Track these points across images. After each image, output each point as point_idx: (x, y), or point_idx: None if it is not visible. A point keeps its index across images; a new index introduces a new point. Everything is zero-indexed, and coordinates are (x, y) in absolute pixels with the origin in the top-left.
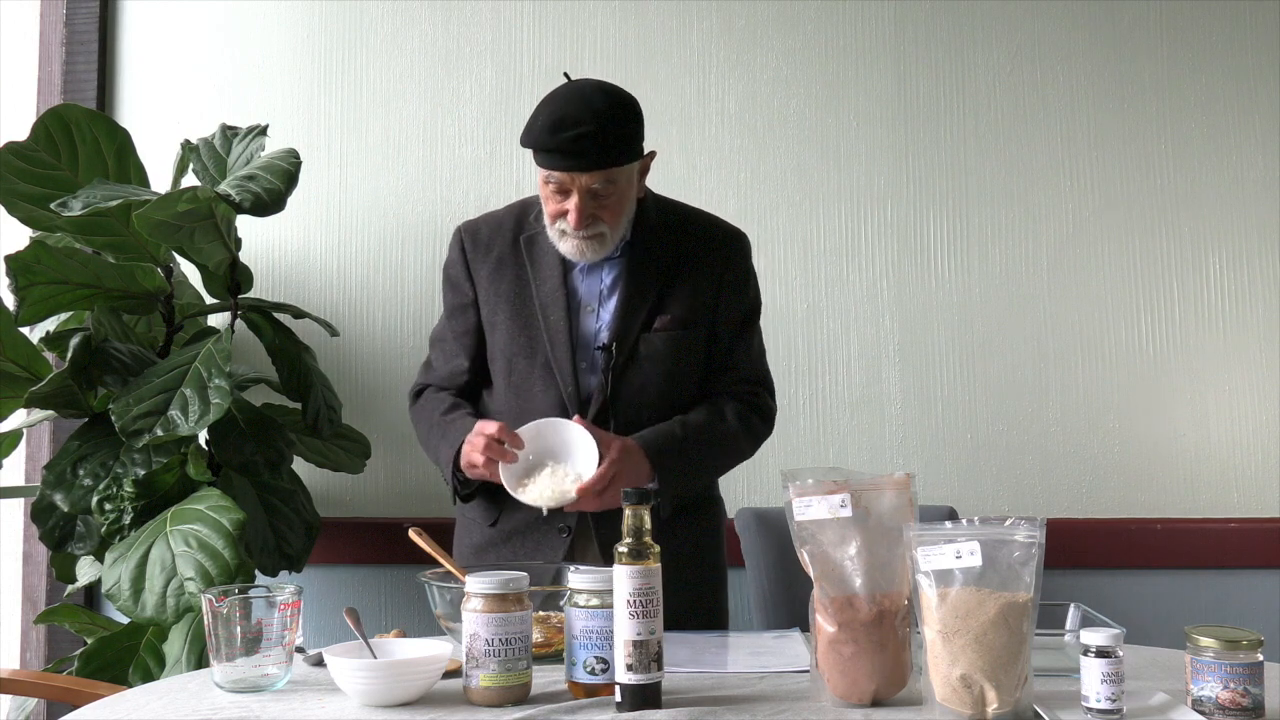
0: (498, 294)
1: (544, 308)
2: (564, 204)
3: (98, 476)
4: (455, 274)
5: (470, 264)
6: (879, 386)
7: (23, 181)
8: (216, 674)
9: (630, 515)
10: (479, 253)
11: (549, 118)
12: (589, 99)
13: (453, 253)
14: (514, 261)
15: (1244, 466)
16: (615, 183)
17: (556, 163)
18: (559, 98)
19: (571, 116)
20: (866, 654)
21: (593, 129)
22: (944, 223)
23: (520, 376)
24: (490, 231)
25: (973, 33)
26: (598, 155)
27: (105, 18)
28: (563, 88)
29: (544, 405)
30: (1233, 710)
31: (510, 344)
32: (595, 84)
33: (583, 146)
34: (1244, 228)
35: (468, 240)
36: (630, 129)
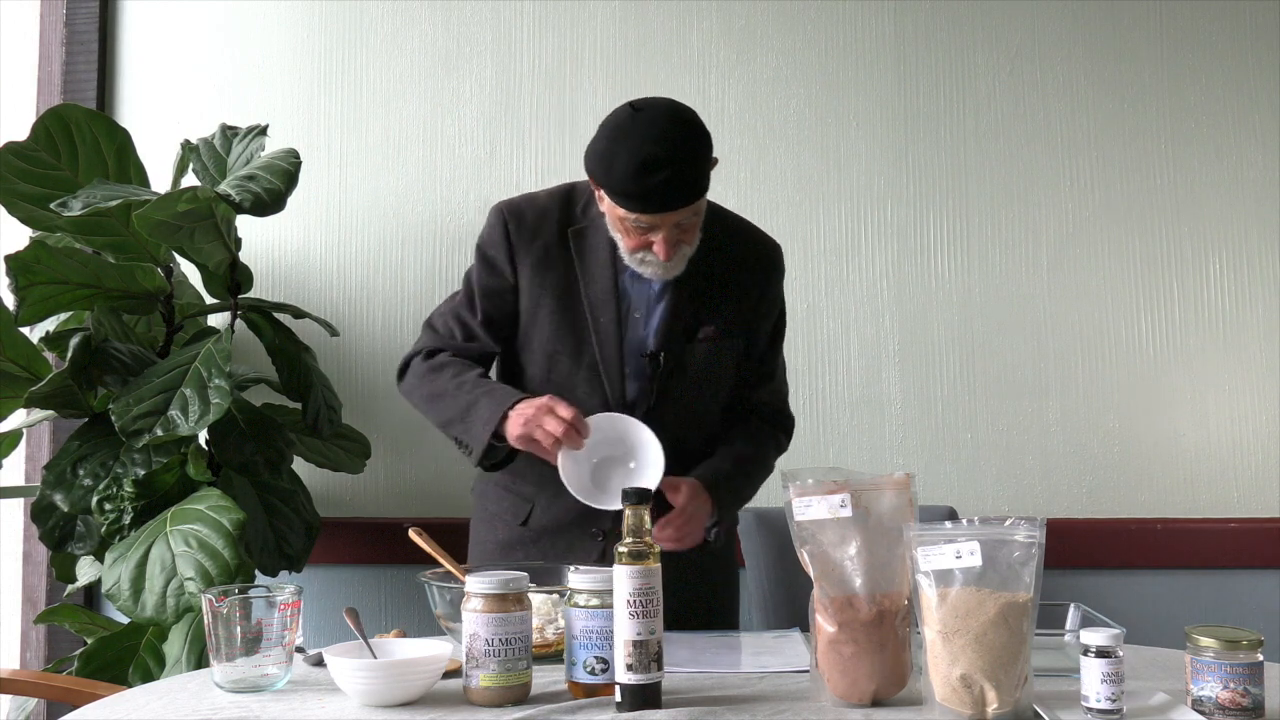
0: (542, 286)
1: (594, 309)
2: (647, 237)
3: (98, 476)
4: (495, 255)
5: (514, 248)
6: (879, 386)
7: (23, 181)
8: (216, 674)
9: (630, 515)
10: (524, 238)
11: (631, 160)
12: (668, 136)
13: (493, 233)
14: (561, 254)
15: (1244, 466)
16: (699, 211)
17: (645, 208)
18: (635, 135)
19: (656, 158)
20: (866, 654)
21: (680, 170)
22: (944, 223)
23: (563, 376)
24: (535, 217)
25: (973, 33)
26: (688, 195)
27: (105, 18)
28: (631, 122)
29: (587, 409)
30: (1233, 710)
31: (553, 341)
32: (666, 113)
33: (673, 190)
34: (1244, 228)
35: (511, 222)
36: (709, 154)
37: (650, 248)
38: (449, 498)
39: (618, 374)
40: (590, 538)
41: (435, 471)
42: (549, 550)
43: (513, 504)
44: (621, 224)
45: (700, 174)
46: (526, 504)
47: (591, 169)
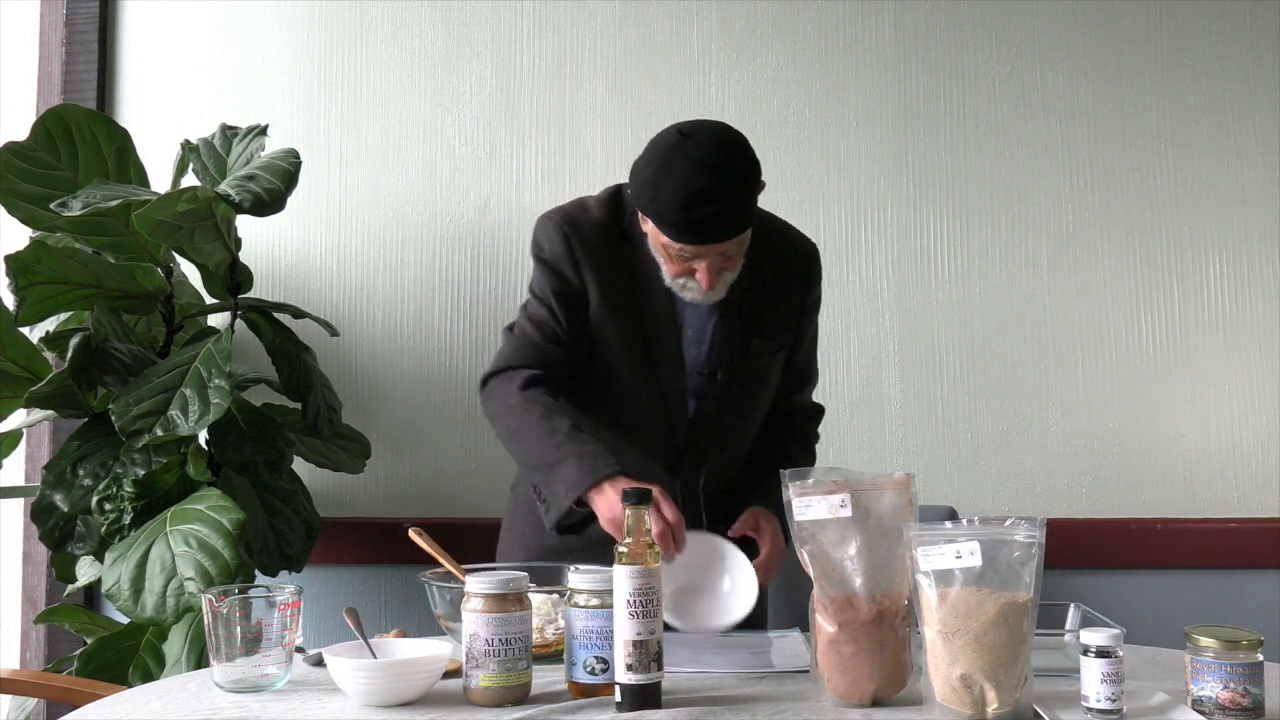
0: (607, 301)
1: (655, 326)
2: (690, 264)
3: (98, 476)
4: (563, 268)
5: (580, 262)
6: (879, 386)
7: (23, 181)
8: (216, 674)
9: (630, 515)
10: (587, 253)
11: (678, 192)
12: (716, 167)
13: (555, 246)
14: (620, 273)
15: (1244, 466)
16: (744, 240)
17: (692, 238)
18: (681, 164)
19: (703, 191)
20: (866, 654)
21: (728, 203)
22: (944, 223)
23: (624, 391)
24: (595, 233)
25: (973, 33)
26: (735, 227)
27: (105, 18)
28: (678, 149)
29: (649, 426)
30: (1233, 710)
31: (618, 358)
32: (714, 141)
33: (720, 223)
34: (1244, 228)
35: (573, 236)
36: (756, 184)
37: (692, 274)
38: (449, 498)
39: (676, 393)
40: None
41: (435, 471)
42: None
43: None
44: (665, 250)
45: (747, 205)
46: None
47: (636, 194)
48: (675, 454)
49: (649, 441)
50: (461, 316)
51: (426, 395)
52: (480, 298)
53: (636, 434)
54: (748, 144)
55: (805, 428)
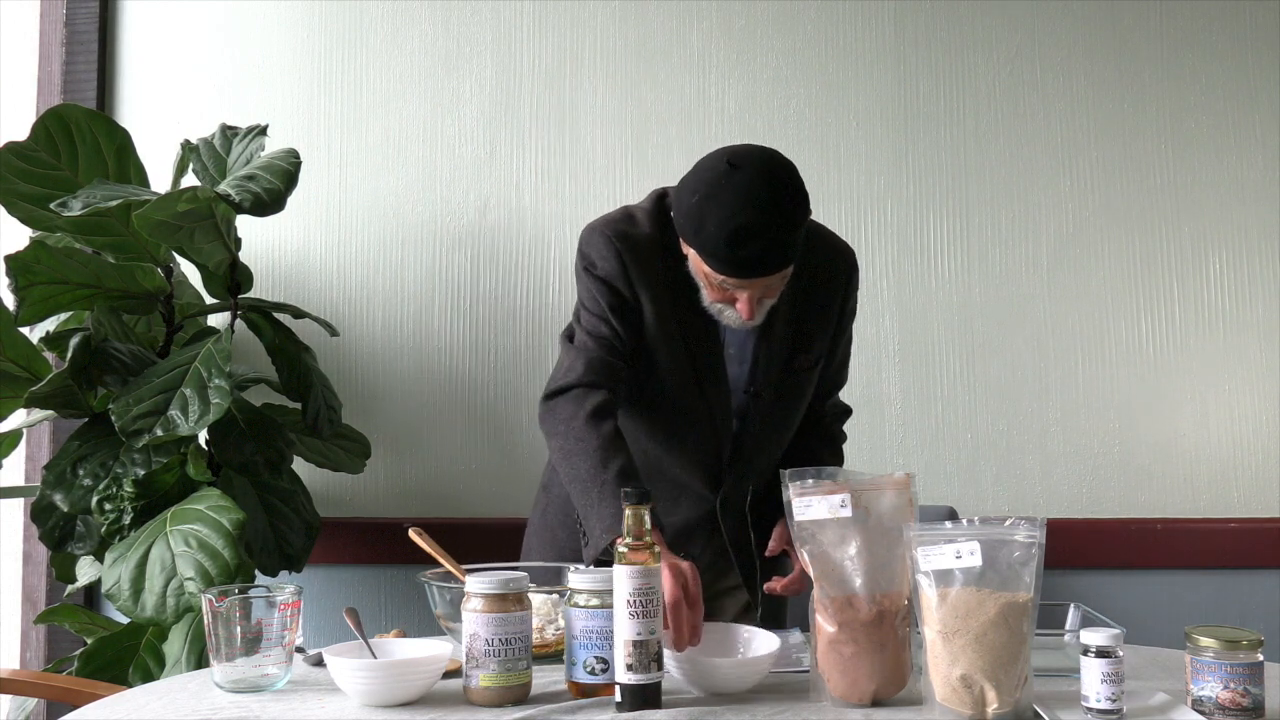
0: (657, 317)
1: (699, 343)
2: (732, 294)
3: (98, 476)
4: (617, 283)
5: (633, 277)
6: (879, 386)
7: (23, 181)
8: (216, 674)
9: (630, 515)
10: (640, 269)
11: (723, 226)
12: (763, 202)
13: (608, 263)
14: (669, 289)
15: (1244, 466)
16: (787, 274)
17: (736, 272)
18: (729, 197)
19: (750, 226)
20: (866, 654)
21: (774, 239)
22: (944, 223)
23: (670, 411)
24: (646, 249)
25: (973, 33)
26: (780, 262)
27: (105, 18)
28: (728, 181)
29: (692, 441)
30: (1233, 710)
31: (670, 377)
32: (763, 175)
33: (764, 260)
34: (1244, 227)
35: (626, 252)
36: (804, 218)
37: (733, 303)
38: (449, 498)
39: (725, 412)
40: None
41: (435, 471)
42: None
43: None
44: (706, 278)
45: (794, 241)
46: None
47: (680, 222)
48: (719, 471)
49: (694, 459)
50: (461, 316)
51: (426, 395)
52: (480, 298)
53: (684, 451)
54: (797, 175)
55: (833, 430)
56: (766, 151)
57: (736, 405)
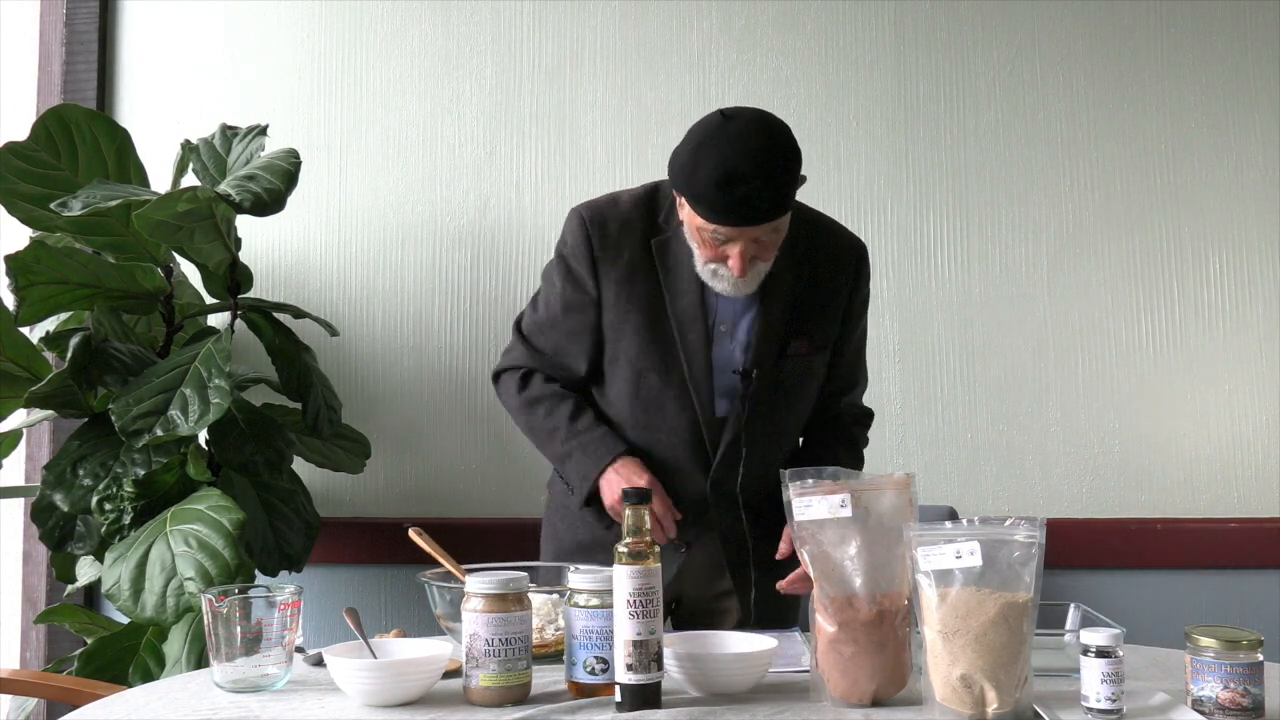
0: (629, 301)
1: (681, 325)
2: (723, 250)
3: (98, 476)
4: (579, 268)
5: (598, 260)
6: (879, 386)
7: (23, 181)
8: (216, 674)
9: (630, 515)
10: (608, 251)
11: (714, 171)
12: (754, 149)
13: (575, 244)
14: (646, 267)
15: (1244, 466)
16: (779, 229)
17: (725, 218)
18: (721, 145)
19: (740, 171)
20: (866, 654)
21: (764, 184)
22: (944, 223)
23: (651, 392)
24: (619, 229)
25: (973, 33)
26: (771, 212)
27: (105, 18)
28: (720, 131)
29: (676, 424)
30: (1233, 710)
31: (641, 357)
32: (755, 125)
33: (755, 205)
34: (1244, 227)
35: (595, 234)
36: (796, 172)
37: (725, 261)
38: (449, 498)
39: (706, 392)
40: (673, 548)
41: (435, 471)
42: None
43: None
44: (699, 234)
45: (785, 190)
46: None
47: (674, 174)
48: (706, 454)
49: (677, 441)
50: (461, 316)
51: (426, 395)
52: (480, 298)
53: (664, 432)
54: (790, 132)
55: (853, 432)
56: (760, 109)
57: (725, 385)
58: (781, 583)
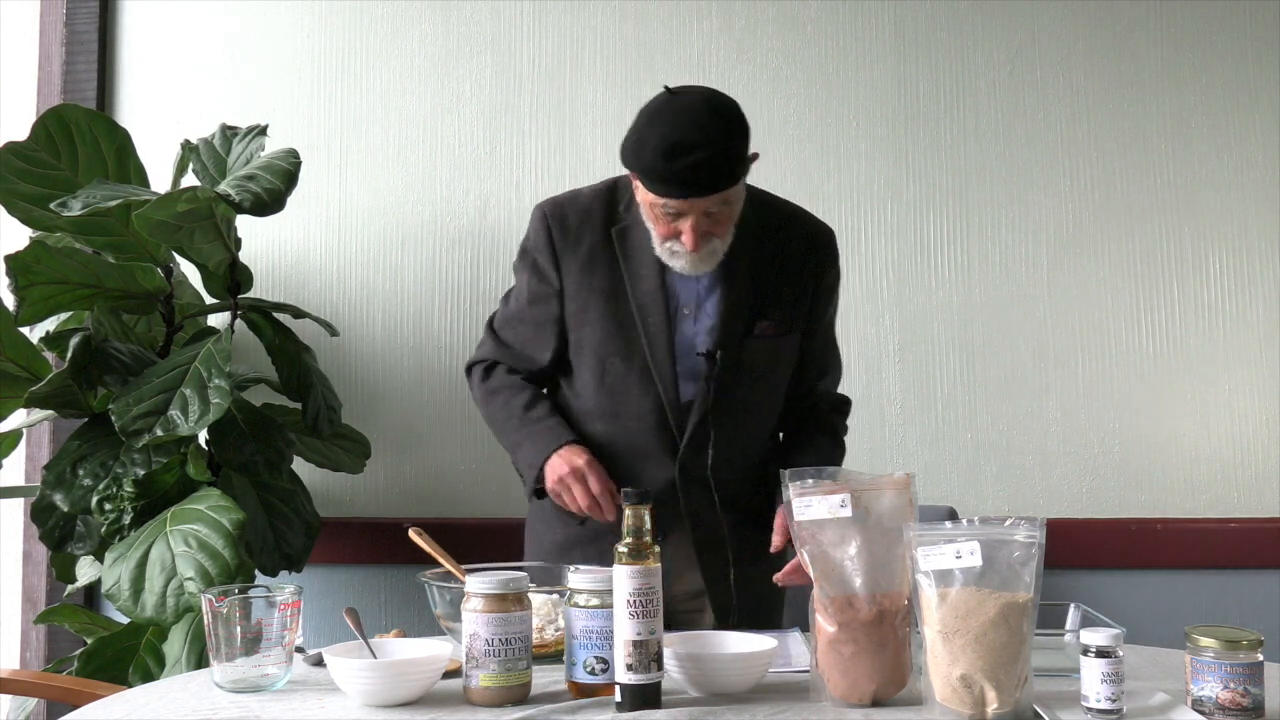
0: (590, 289)
1: (642, 309)
2: (676, 225)
3: (98, 476)
4: (541, 261)
5: (558, 252)
6: (879, 386)
7: (23, 181)
8: (216, 674)
9: (630, 515)
10: (568, 241)
11: (661, 143)
12: (700, 120)
13: (537, 237)
14: (606, 255)
15: (1244, 466)
16: (730, 202)
17: (672, 191)
18: (667, 118)
19: (686, 141)
20: (866, 654)
21: (709, 154)
22: (944, 223)
23: (615, 378)
24: (579, 219)
25: (973, 33)
26: (716, 181)
27: (105, 18)
28: (666, 105)
29: (641, 410)
30: (1233, 710)
31: (605, 344)
32: (702, 99)
33: (700, 174)
34: (1244, 227)
35: (555, 225)
36: (743, 144)
37: (679, 237)
38: (449, 498)
39: (670, 375)
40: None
41: (435, 471)
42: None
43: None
44: (652, 210)
45: (731, 161)
46: None
47: (625, 153)
48: (673, 438)
49: (643, 426)
50: (461, 316)
51: (426, 395)
52: (480, 298)
53: (630, 418)
54: (737, 107)
55: (833, 420)
56: (709, 88)
57: (689, 368)
58: (777, 575)
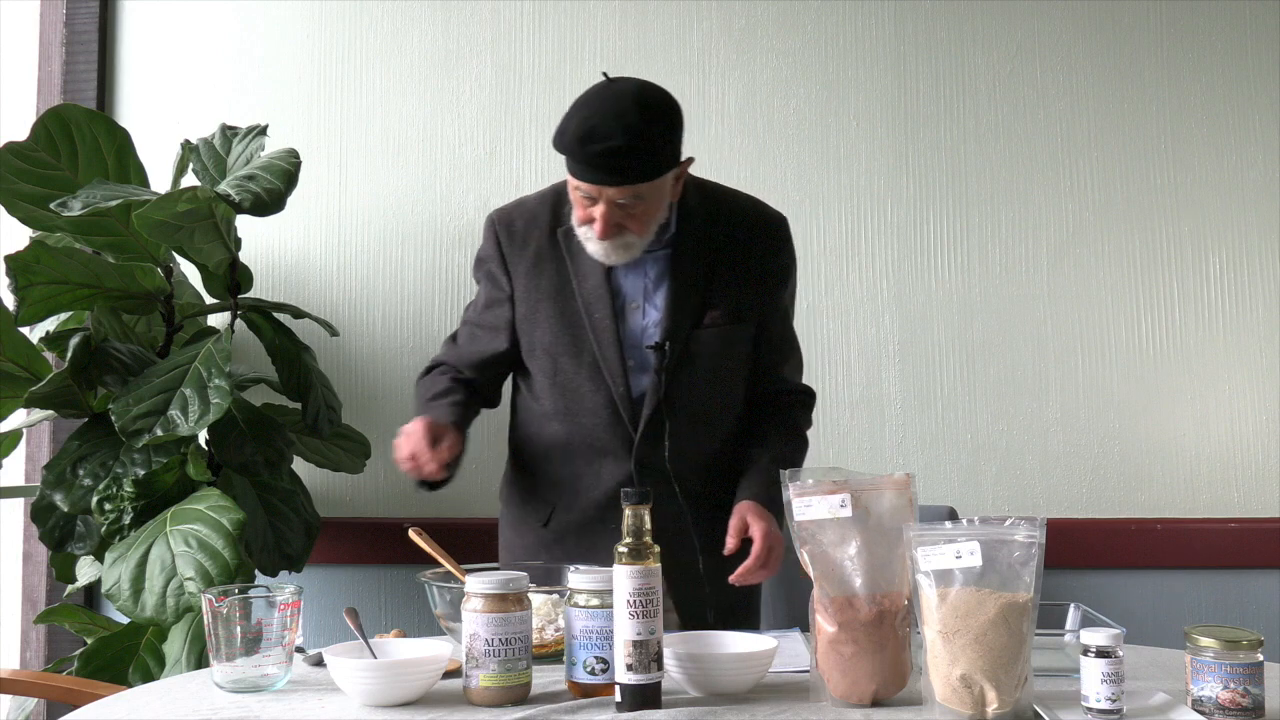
0: (538, 290)
1: (587, 305)
2: (591, 210)
3: (98, 476)
4: (492, 268)
5: (506, 257)
6: (879, 386)
7: (23, 181)
8: (216, 674)
9: (630, 515)
10: (515, 245)
11: (580, 126)
12: (622, 110)
13: (487, 245)
14: (553, 256)
15: (1244, 466)
16: (643, 197)
17: (584, 174)
18: (592, 104)
19: (603, 129)
20: (866, 654)
21: (622, 144)
22: (944, 223)
23: (566, 376)
24: (525, 223)
25: (973, 33)
26: (625, 172)
27: (105, 18)
28: (598, 91)
29: (593, 405)
30: (1233, 710)
31: (554, 342)
32: (632, 90)
33: (611, 163)
34: (1244, 227)
35: (502, 232)
36: (662, 142)
37: (593, 222)
38: (449, 498)
39: (619, 370)
40: (611, 533)
41: None
42: (573, 550)
43: (535, 507)
44: (574, 193)
45: (647, 156)
46: (547, 506)
47: (555, 137)
48: (627, 433)
49: (598, 422)
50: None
51: None
52: None
53: (584, 415)
54: (670, 103)
55: (794, 415)
56: (646, 81)
57: (638, 362)
58: (732, 576)
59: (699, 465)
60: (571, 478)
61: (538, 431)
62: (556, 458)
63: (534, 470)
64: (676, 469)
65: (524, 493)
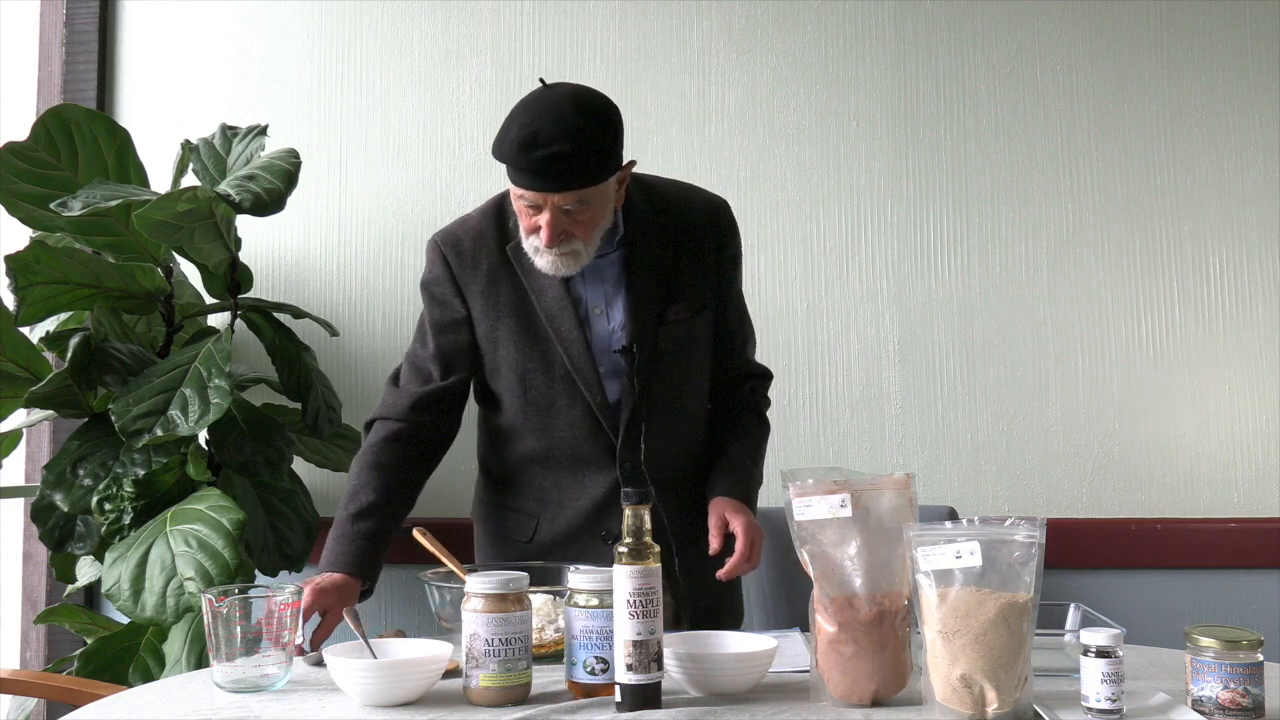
0: (496, 309)
1: (551, 318)
2: (536, 219)
3: (98, 476)
4: (441, 291)
5: (458, 278)
6: (879, 386)
7: (23, 181)
8: (216, 674)
9: (630, 515)
10: (466, 266)
11: (519, 133)
12: (562, 115)
13: (434, 269)
14: (507, 273)
15: (1244, 466)
16: (588, 202)
17: (527, 182)
18: (531, 110)
19: (544, 134)
20: (866, 654)
21: (565, 149)
22: (944, 223)
23: (538, 391)
24: (473, 242)
25: (973, 33)
26: (569, 177)
27: (105, 18)
28: (535, 98)
29: (571, 417)
30: (1233, 710)
31: (521, 359)
32: (570, 95)
33: (554, 168)
34: (1244, 227)
35: (450, 254)
36: (605, 145)
37: (539, 232)
38: (450, 497)
39: (592, 377)
40: (600, 541)
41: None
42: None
43: (517, 523)
44: (517, 203)
45: (588, 161)
46: (531, 520)
47: (495, 141)
48: (609, 440)
49: (577, 434)
50: None
51: None
52: None
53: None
54: (609, 108)
55: (756, 399)
56: (586, 86)
57: (610, 367)
58: (721, 573)
59: (673, 463)
60: (555, 490)
61: (512, 449)
62: (536, 473)
63: (513, 487)
64: (652, 469)
65: (503, 511)
